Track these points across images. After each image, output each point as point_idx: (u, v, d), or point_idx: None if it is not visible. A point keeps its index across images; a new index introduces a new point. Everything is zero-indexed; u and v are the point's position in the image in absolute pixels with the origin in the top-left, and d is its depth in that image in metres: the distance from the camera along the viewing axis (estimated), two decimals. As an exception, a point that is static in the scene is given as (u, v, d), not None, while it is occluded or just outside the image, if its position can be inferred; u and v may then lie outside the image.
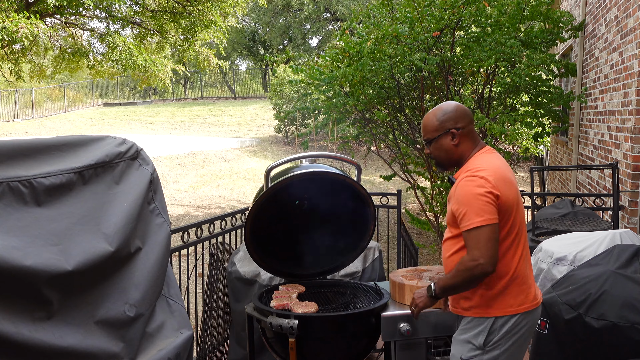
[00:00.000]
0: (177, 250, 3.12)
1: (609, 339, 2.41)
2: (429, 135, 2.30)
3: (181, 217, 9.81)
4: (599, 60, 5.94)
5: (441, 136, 2.26)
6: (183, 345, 2.25)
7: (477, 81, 6.77)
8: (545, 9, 6.04)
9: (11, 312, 1.70)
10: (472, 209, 2.08)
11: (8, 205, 1.80)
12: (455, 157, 2.27)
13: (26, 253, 1.74)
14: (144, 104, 28.50)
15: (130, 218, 2.14)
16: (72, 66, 12.57)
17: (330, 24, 30.70)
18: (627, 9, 4.84)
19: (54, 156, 2.02)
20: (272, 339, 2.74)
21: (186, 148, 16.34)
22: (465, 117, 2.28)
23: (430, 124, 2.29)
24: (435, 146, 2.29)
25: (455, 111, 2.28)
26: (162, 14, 11.91)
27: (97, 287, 1.99)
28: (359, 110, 6.64)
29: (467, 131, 2.27)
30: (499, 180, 2.12)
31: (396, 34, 5.76)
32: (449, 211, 2.23)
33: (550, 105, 6.26)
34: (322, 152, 3.18)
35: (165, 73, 11.67)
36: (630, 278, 2.55)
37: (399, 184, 11.70)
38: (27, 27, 8.64)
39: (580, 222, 4.00)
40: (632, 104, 4.52)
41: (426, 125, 2.31)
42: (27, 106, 24.10)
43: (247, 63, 38.13)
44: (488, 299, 2.15)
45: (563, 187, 7.91)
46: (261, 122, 22.39)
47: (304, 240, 3.18)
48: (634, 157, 4.43)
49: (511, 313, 2.13)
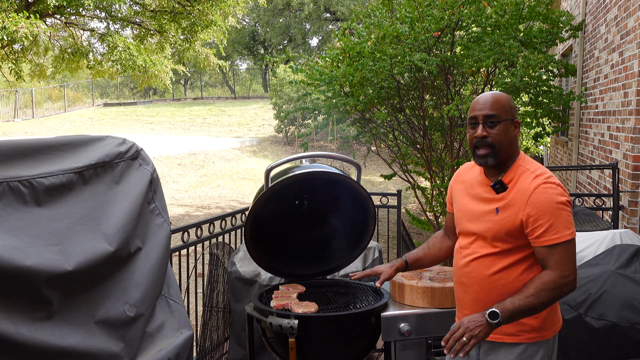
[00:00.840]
0: (177, 250, 3.12)
1: (609, 339, 2.41)
2: (501, 113, 1.97)
3: (181, 217, 9.81)
4: (599, 60, 5.94)
5: (508, 121, 1.98)
6: (183, 345, 2.25)
7: (477, 81, 6.77)
8: (544, 9, 6.04)
9: (11, 312, 1.70)
10: (559, 220, 1.86)
11: (8, 205, 1.80)
12: (512, 150, 1.99)
13: (26, 253, 1.74)
14: (144, 104, 28.50)
15: (131, 218, 2.14)
16: (72, 66, 12.58)
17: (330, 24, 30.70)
18: (627, 9, 4.84)
19: (54, 156, 2.02)
20: (272, 339, 2.74)
21: (186, 148, 16.35)
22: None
23: (502, 102, 1.98)
24: (502, 129, 1.96)
25: (514, 103, 2.06)
26: (162, 14, 11.91)
27: (97, 287, 1.99)
28: (359, 110, 6.64)
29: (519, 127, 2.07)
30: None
31: (397, 34, 5.76)
32: (502, 221, 1.94)
33: (550, 105, 6.26)
34: (322, 152, 3.19)
35: (165, 73, 11.68)
36: (630, 278, 2.55)
37: (399, 184, 11.70)
38: (27, 27, 8.64)
39: (580, 222, 4.00)
40: (632, 104, 4.52)
41: (496, 102, 1.98)
42: (27, 106, 24.10)
43: (247, 63, 38.15)
44: (544, 318, 1.94)
45: (563, 187, 7.89)
46: (261, 122, 22.39)
47: (304, 240, 3.18)
48: (634, 157, 4.43)
49: (559, 329, 2.01)
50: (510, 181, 1.97)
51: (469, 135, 2.02)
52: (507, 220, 1.93)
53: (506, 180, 1.97)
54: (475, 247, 2.03)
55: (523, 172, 1.96)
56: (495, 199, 1.99)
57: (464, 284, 2.05)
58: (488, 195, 2.02)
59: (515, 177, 1.96)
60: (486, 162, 1.98)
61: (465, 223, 2.10)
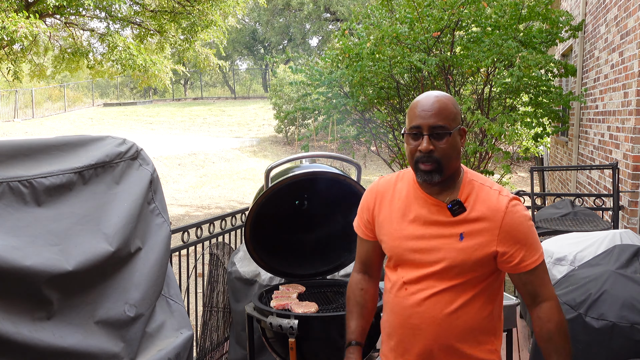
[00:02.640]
0: (177, 250, 3.12)
1: (609, 339, 2.41)
2: (449, 122, 1.65)
3: (181, 217, 9.81)
4: (599, 60, 5.94)
5: (456, 131, 1.68)
6: (183, 345, 2.25)
7: (477, 81, 6.77)
8: (543, 9, 6.04)
9: (11, 312, 1.69)
10: (534, 239, 1.69)
11: (8, 205, 1.80)
12: (458, 163, 1.73)
13: (26, 253, 1.74)
14: (144, 104, 28.50)
15: (131, 218, 2.14)
16: (72, 66, 12.58)
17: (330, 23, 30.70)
18: (627, 9, 4.84)
19: (54, 156, 2.02)
20: (272, 339, 2.73)
21: (186, 148, 16.35)
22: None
23: (449, 108, 1.66)
24: (451, 142, 1.66)
25: (458, 105, 1.74)
26: (162, 14, 11.91)
27: (97, 287, 1.99)
28: (358, 110, 6.65)
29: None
30: None
31: (396, 34, 5.76)
32: (470, 249, 1.67)
33: (550, 105, 6.26)
34: (322, 152, 3.18)
35: (165, 73, 11.68)
36: (630, 278, 2.55)
37: (399, 184, 11.69)
38: (27, 27, 8.64)
39: (580, 222, 4.00)
40: (632, 104, 4.52)
41: (443, 108, 1.66)
42: (27, 106, 24.11)
43: (247, 63, 38.15)
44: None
45: (563, 187, 7.91)
46: (261, 122, 22.40)
47: (304, 240, 3.18)
48: (634, 157, 4.43)
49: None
50: (467, 199, 1.69)
51: (409, 146, 1.69)
52: (476, 248, 1.66)
53: (462, 199, 1.69)
54: (429, 281, 1.70)
55: (481, 189, 1.71)
56: (452, 222, 1.69)
57: (415, 327, 1.72)
58: (440, 217, 1.70)
59: (473, 195, 1.70)
60: (431, 179, 1.66)
61: (409, 253, 1.74)
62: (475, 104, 6.28)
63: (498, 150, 6.13)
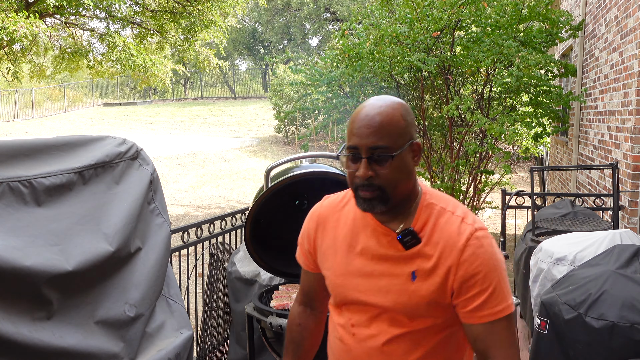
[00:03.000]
0: (177, 250, 3.12)
1: (609, 339, 2.41)
2: (393, 142, 1.30)
3: (181, 217, 9.81)
4: (599, 60, 5.94)
5: (405, 150, 1.33)
6: (183, 345, 2.25)
7: (477, 81, 6.77)
8: (543, 9, 6.05)
9: (11, 312, 1.70)
10: (501, 285, 1.34)
11: (8, 205, 1.80)
12: (410, 185, 1.37)
13: (26, 253, 1.74)
14: (144, 104, 28.52)
15: (131, 218, 2.14)
16: (72, 66, 12.58)
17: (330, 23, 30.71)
18: (627, 9, 4.84)
19: (54, 156, 2.02)
20: (272, 339, 2.73)
21: (186, 148, 16.36)
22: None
23: (395, 122, 1.31)
24: (397, 165, 1.32)
25: (411, 112, 1.38)
26: (162, 14, 11.92)
27: (97, 287, 2.00)
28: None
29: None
30: None
31: (395, 34, 5.76)
32: (422, 291, 1.36)
33: (550, 105, 6.26)
34: (322, 152, 3.18)
35: (165, 73, 11.68)
36: (630, 278, 2.55)
37: (399, 184, 11.70)
38: (27, 27, 8.64)
39: (580, 222, 4.00)
40: (632, 104, 4.52)
41: (387, 123, 1.30)
42: (27, 106, 24.12)
43: (247, 63, 38.16)
44: None
45: (563, 187, 7.91)
46: (261, 122, 22.40)
47: (304, 240, 3.18)
48: (634, 157, 4.43)
49: None
50: (424, 228, 1.37)
51: (348, 170, 1.36)
52: (431, 290, 1.35)
53: (417, 228, 1.37)
54: (381, 325, 1.41)
55: (440, 214, 1.38)
56: (404, 257, 1.37)
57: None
58: (390, 251, 1.38)
59: (431, 222, 1.37)
60: (373, 209, 1.33)
61: (355, 293, 1.43)
62: (475, 103, 6.28)
63: (498, 150, 6.13)
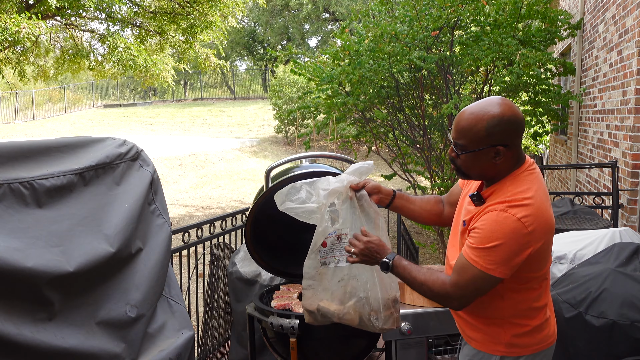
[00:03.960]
0: (177, 251, 3.13)
1: (609, 337, 2.41)
2: (467, 143, 1.74)
3: (182, 218, 9.82)
4: (597, 59, 5.95)
5: (483, 150, 1.73)
6: (184, 346, 2.26)
7: (476, 81, 6.77)
8: (542, 7, 6.05)
9: (13, 314, 1.70)
10: (490, 235, 1.69)
11: (9, 206, 1.81)
12: (489, 175, 1.79)
13: (27, 254, 1.74)
14: (144, 105, 28.53)
15: (131, 219, 2.15)
16: (73, 67, 12.58)
17: (329, 24, 30.72)
18: (626, 7, 4.85)
19: (55, 157, 2.03)
20: (273, 339, 2.74)
21: (186, 149, 16.37)
22: (521, 130, 1.75)
23: (473, 129, 1.72)
24: (470, 158, 1.76)
25: (514, 123, 1.72)
26: (162, 15, 11.91)
27: (98, 288, 2.00)
28: (359, 109, 6.65)
29: (516, 148, 1.76)
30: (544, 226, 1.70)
31: (395, 32, 5.77)
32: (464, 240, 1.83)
33: (549, 104, 6.26)
34: (322, 152, 3.19)
35: (167, 71, 11.68)
36: (630, 276, 2.56)
37: (399, 183, 11.71)
38: (29, 28, 8.64)
39: (579, 221, 4.01)
40: (630, 103, 4.52)
41: (466, 129, 1.73)
42: (28, 108, 24.13)
43: (246, 64, 38.16)
44: (513, 335, 1.86)
45: (562, 186, 7.91)
46: (261, 123, 22.41)
47: (304, 240, 3.18)
48: (633, 155, 4.44)
49: (543, 349, 1.91)
50: (489, 196, 1.77)
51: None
52: (463, 235, 1.83)
53: (485, 194, 1.79)
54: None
55: (501, 190, 1.75)
56: (469, 211, 1.83)
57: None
58: (467, 205, 1.86)
59: (494, 193, 1.77)
60: (460, 177, 1.89)
61: (450, 237, 1.98)
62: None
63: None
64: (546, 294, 1.88)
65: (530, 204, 1.68)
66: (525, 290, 1.81)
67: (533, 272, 1.78)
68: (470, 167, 1.77)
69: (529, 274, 1.77)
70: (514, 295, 1.81)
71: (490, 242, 1.67)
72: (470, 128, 1.72)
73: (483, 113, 1.71)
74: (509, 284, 1.78)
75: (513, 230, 1.65)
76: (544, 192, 1.76)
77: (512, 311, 1.83)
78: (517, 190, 1.71)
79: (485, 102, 1.74)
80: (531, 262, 1.73)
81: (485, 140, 1.71)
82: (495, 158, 1.73)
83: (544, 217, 1.69)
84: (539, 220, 1.67)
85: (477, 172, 1.79)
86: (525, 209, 1.67)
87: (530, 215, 1.66)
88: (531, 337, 1.85)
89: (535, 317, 1.85)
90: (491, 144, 1.71)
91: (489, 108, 1.72)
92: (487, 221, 1.69)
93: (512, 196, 1.70)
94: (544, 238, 1.70)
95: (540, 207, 1.69)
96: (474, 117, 1.72)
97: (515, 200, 1.69)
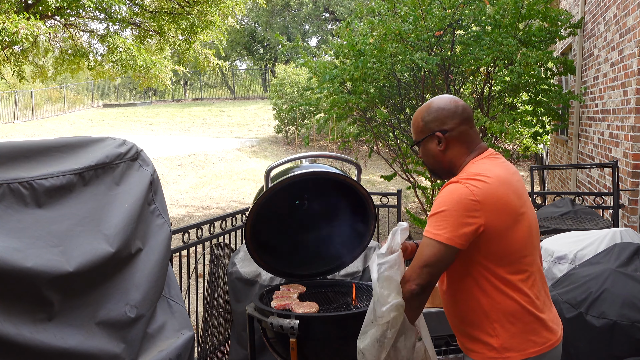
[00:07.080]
0: (177, 251, 3.12)
1: (610, 338, 2.41)
2: (415, 137, 1.99)
3: (182, 218, 9.81)
4: (598, 58, 5.94)
5: (426, 139, 1.94)
6: (184, 346, 2.26)
7: (476, 80, 6.77)
8: (543, 7, 6.05)
9: (12, 314, 1.70)
10: (435, 214, 1.78)
11: (9, 206, 1.80)
12: (444, 166, 1.94)
13: (27, 254, 1.74)
14: (144, 105, 28.53)
15: (131, 219, 2.14)
16: (72, 67, 12.57)
17: (329, 24, 30.72)
18: (626, 7, 4.84)
19: (54, 158, 2.02)
20: (273, 339, 2.74)
21: (186, 149, 16.36)
22: (456, 116, 1.89)
23: (415, 124, 1.98)
24: (422, 150, 1.97)
25: (443, 109, 1.91)
26: (162, 14, 11.91)
27: (98, 288, 2.00)
28: (360, 108, 6.65)
29: (458, 133, 1.89)
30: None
31: (399, 32, 5.76)
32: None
33: (550, 104, 6.26)
34: (322, 152, 3.18)
35: (166, 74, 11.67)
36: (630, 276, 2.55)
37: (399, 183, 11.70)
38: (27, 28, 8.64)
39: (580, 221, 4.01)
40: (631, 103, 4.52)
41: (413, 126, 2.01)
42: (27, 108, 24.13)
43: (246, 63, 38.16)
44: (504, 338, 1.82)
45: (563, 186, 7.91)
46: (261, 123, 22.40)
47: (304, 240, 3.18)
48: (633, 155, 4.43)
49: (537, 354, 1.83)
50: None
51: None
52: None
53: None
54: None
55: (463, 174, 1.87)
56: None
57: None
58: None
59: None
60: (434, 177, 2.17)
61: None
62: (475, 102, 6.29)
63: (498, 149, 6.13)
64: (532, 293, 1.83)
65: (485, 180, 1.76)
66: (507, 291, 1.79)
67: (501, 264, 1.77)
68: (426, 160, 1.98)
69: (497, 265, 1.76)
70: (494, 295, 1.80)
71: (438, 208, 1.77)
72: (414, 123, 1.99)
73: (420, 108, 1.99)
74: (485, 280, 1.78)
75: (460, 195, 1.74)
76: (506, 177, 1.81)
77: (495, 315, 1.81)
78: (475, 171, 1.82)
79: (429, 101, 1.99)
80: (489, 243, 1.74)
81: (425, 130, 1.94)
82: (440, 145, 1.91)
83: (496, 194, 1.74)
84: (489, 194, 1.74)
85: (432, 164, 1.97)
86: (477, 182, 1.76)
87: (481, 188, 1.74)
88: (524, 339, 1.82)
89: (521, 320, 1.81)
90: (430, 132, 1.92)
91: (426, 103, 1.98)
92: (441, 193, 1.81)
93: (469, 174, 1.81)
94: (496, 216, 1.73)
95: (494, 184, 1.76)
96: (416, 113, 2.00)
97: (470, 175, 1.80)
